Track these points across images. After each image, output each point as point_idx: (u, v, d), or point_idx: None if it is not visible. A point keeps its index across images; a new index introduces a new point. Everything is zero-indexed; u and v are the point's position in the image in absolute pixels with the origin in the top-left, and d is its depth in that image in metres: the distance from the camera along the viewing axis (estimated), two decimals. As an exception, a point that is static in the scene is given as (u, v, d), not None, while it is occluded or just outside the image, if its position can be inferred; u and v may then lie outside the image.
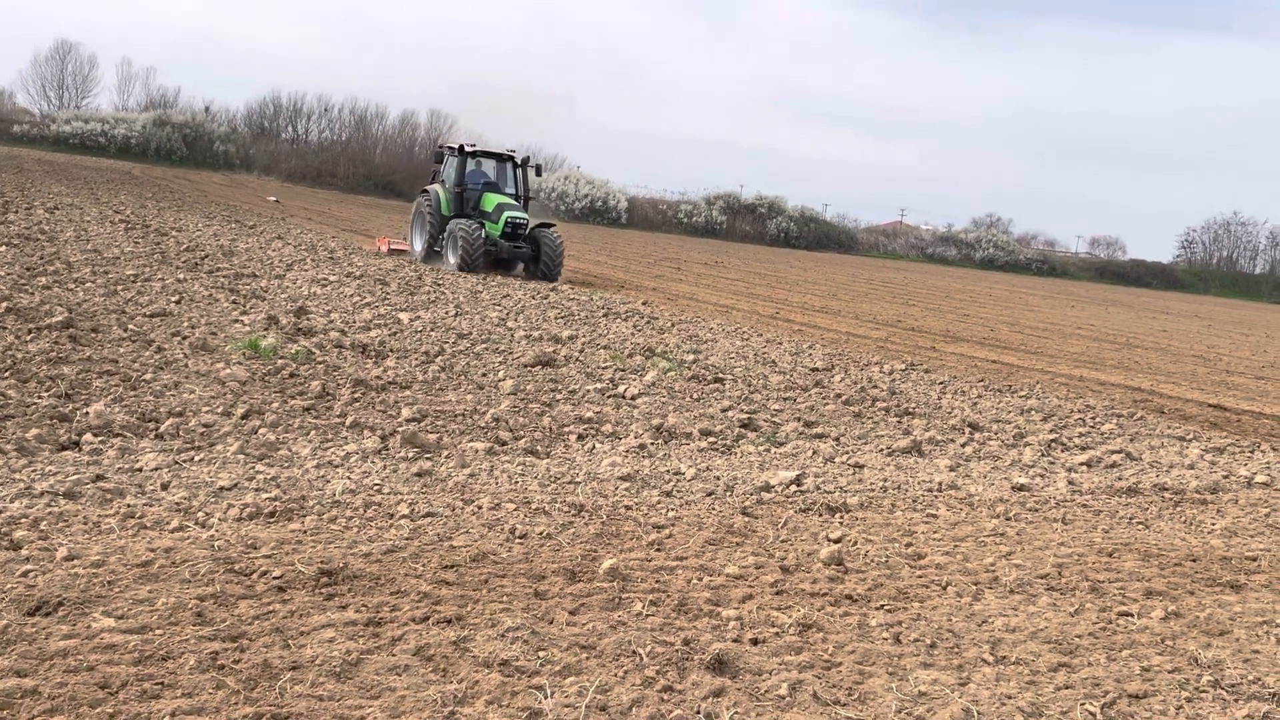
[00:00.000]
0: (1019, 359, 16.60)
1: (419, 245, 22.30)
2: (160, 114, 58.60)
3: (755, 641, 4.10)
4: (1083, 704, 3.88)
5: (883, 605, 4.69)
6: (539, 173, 22.45)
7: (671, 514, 5.75)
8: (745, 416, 8.98)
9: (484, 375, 9.52)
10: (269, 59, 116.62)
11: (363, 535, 4.78)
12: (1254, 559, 6.06)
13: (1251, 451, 10.08)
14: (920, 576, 5.14)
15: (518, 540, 4.98)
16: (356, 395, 7.89)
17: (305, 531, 4.74)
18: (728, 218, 65.02)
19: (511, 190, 22.39)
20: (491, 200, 21.34)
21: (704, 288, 25.73)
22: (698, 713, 3.50)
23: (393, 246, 23.60)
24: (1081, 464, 8.49)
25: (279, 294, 13.48)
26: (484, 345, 11.25)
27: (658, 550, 5.10)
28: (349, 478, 5.73)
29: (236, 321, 10.77)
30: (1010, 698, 3.87)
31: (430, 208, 21.92)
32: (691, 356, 12.21)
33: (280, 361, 8.60)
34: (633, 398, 9.29)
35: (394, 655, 3.59)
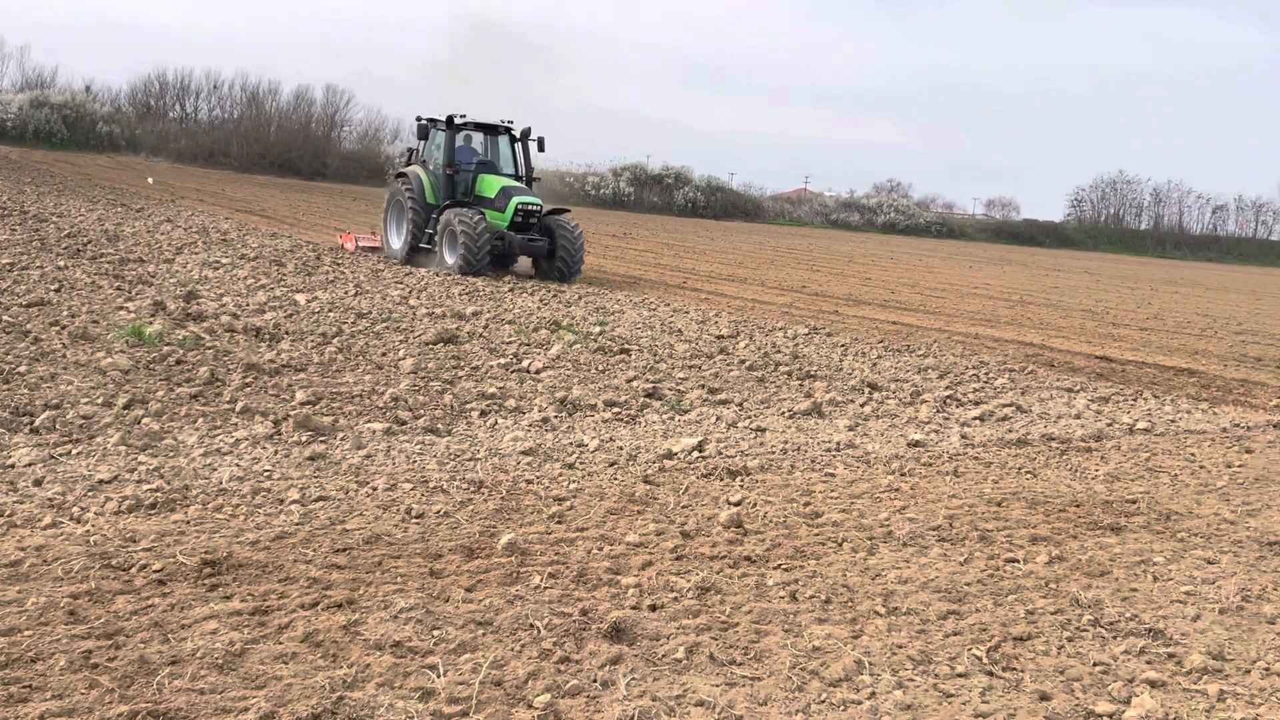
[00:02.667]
0: (918, 319, 17.02)
1: (397, 241, 18.64)
2: (37, 95, 55.53)
3: (654, 607, 4.12)
4: (969, 649, 4.00)
5: (780, 564, 4.76)
6: (541, 147, 18.57)
7: (573, 486, 5.73)
8: (650, 386, 9.00)
9: (384, 355, 9.34)
10: (154, 35, 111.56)
11: (250, 523, 4.64)
12: (1133, 501, 6.33)
13: (1134, 399, 10.52)
14: (817, 534, 5.23)
15: (414, 520, 4.90)
16: (248, 380, 7.65)
17: (188, 522, 4.58)
18: (635, 189, 64.89)
19: (510, 170, 18.76)
20: (492, 183, 17.84)
21: (612, 259, 25.68)
22: (594, 681, 3.50)
23: (362, 244, 19.91)
24: (974, 418, 8.75)
25: (167, 279, 12.97)
26: (385, 324, 11.03)
27: (558, 523, 5.07)
28: (237, 465, 5.56)
29: (121, 309, 10.34)
30: (901, 647, 3.97)
31: (412, 195, 18.11)
32: (598, 329, 12.18)
33: (166, 348, 8.28)
34: (537, 372, 9.23)
35: (281, 643, 3.50)
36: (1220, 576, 5.01)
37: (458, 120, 18.23)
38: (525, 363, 9.50)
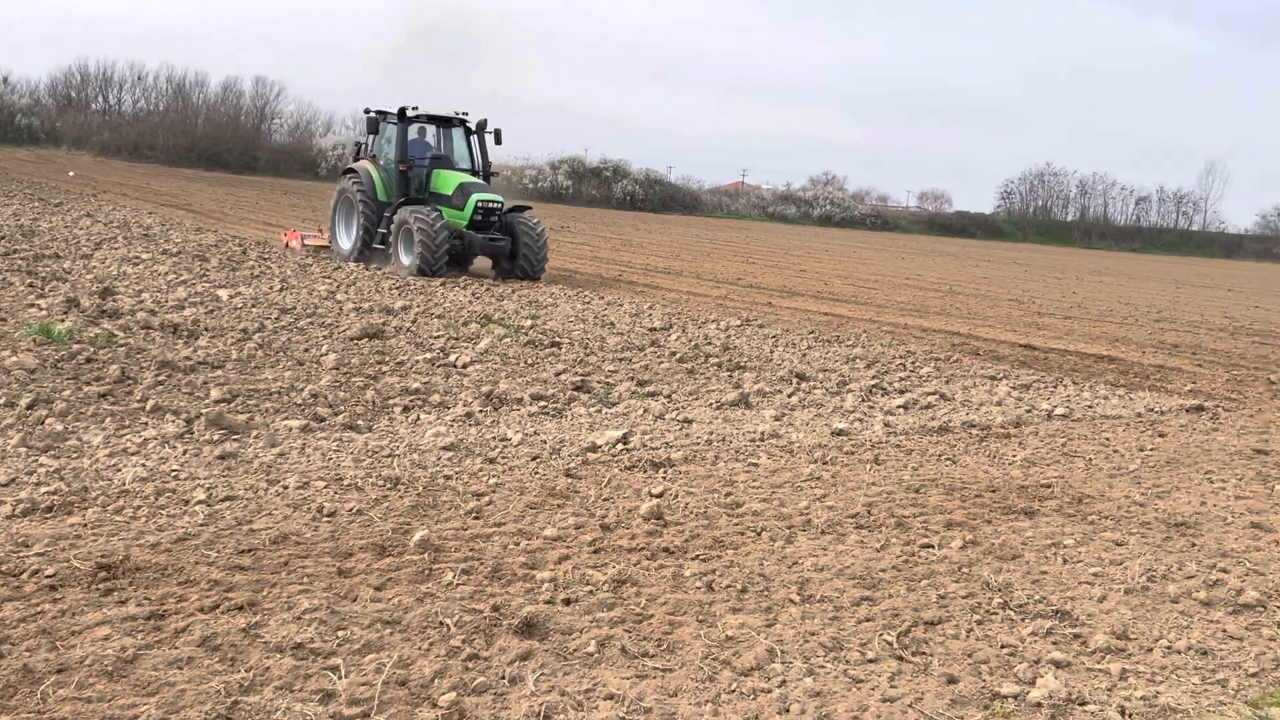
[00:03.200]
0: (850, 310, 17.21)
1: (347, 241, 17.69)
2: (-51, 86, 53.53)
3: (568, 601, 4.08)
4: (881, 634, 4.03)
5: (698, 555, 4.75)
6: (498, 139, 17.79)
7: (493, 481, 5.67)
8: (579, 379, 8.96)
9: (306, 350, 9.15)
10: (76, 25, 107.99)
11: (151, 525, 4.50)
12: (1048, 486, 6.46)
13: (1054, 386, 10.75)
14: (737, 524, 5.24)
15: (325, 519, 4.79)
16: (161, 378, 7.43)
17: (86, 525, 4.42)
18: (573, 182, 64.65)
19: (466, 165, 17.88)
20: (448, 179, 17.04)
21: (549, 253, 25.54)
22: (503, 678, 3.45)
23: (309, 242, 18.82)
24: (899, 406, 8.87)
25: (83, 275, 12.57)
26: (309, 320, 10.82)
27: (475, 518, 5.01)
28: (143, 465, 5.39)
29: (32, 306, 9.99)
30: (814, 634, 3.99)
31: (362, 192, 17.23)
32: (529, 322, 12.10)
33: (76, 346, 8.01)
34: (464, 366, 9.13)
35: (176, 648, 3.39)
36: (1128, 558, 5.13)
37: (410, 112, 17.32)
38: (453, 357, 9.39)
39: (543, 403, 7.96)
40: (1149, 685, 3.79)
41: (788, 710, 3.42)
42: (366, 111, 18.00)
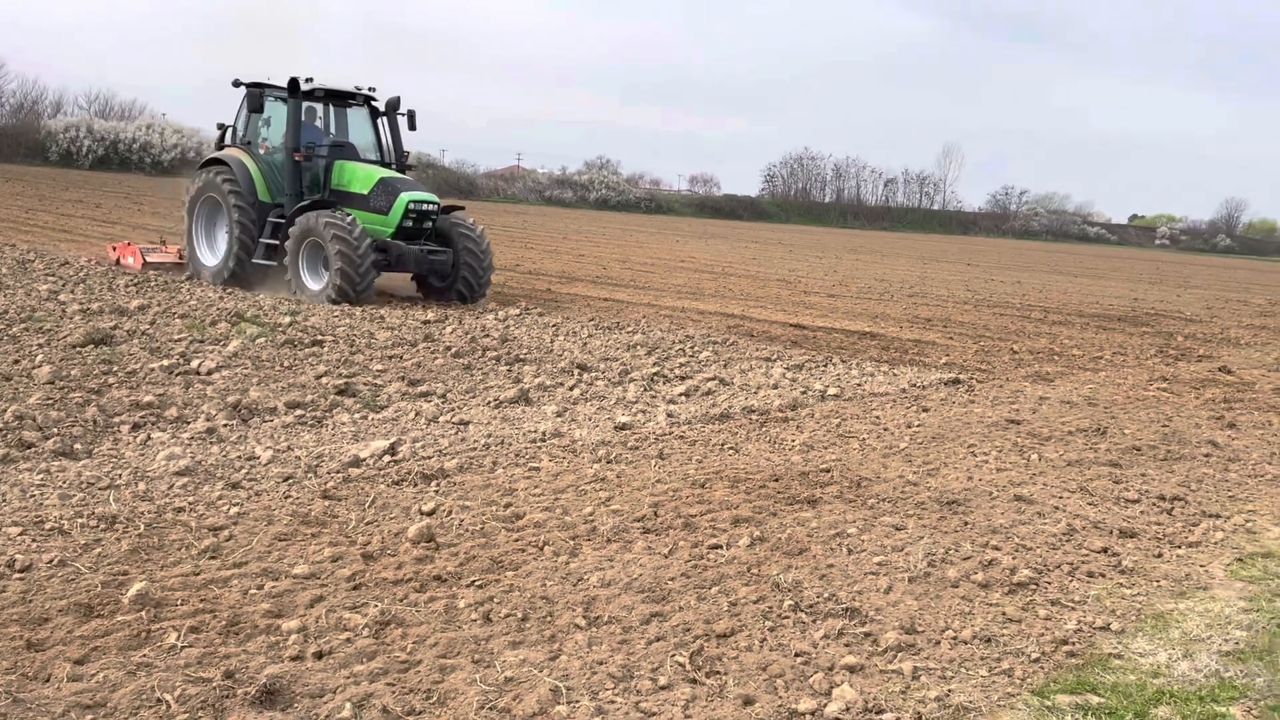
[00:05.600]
0: (629, 295, 17.14)
1: (212, 256, 14.05)
2: None
3: (320, 655, 3.54)
4: (673, 655, 3.76)
5: (474, 581, 4.31)
6: (412, 124, 14.28)
7: (235, 510, 4.96)
8: (343, 382, 8.23)
9: (15, 363, 7.90)
10: None
11: None
12: (827, 470, 6.46)
13: (825, 365, 11.02)
14: (517, 540, 4.83)
15: (16, 575, 3.98)
16: None
17: None
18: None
19: (374, 155, 14.28)
20: (361, 173, 13.43)
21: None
22: (237, 764, 2.89)
23: (151, 259, 14.91)
24: (680, 394, 8.74)
25: None
26: (23, 325, 9.42)
27: (211, 559, 4.33)
28: None
29: None
30: (601, 663, 3.66)
31: (236, 191, 13.52)
32: (288, 319, 11.12)
33: None
34: (208, 373, 8.18)
35: None
36: (908, 542, 5.14)
37: (305, 84, 13.51)
38: (195, 363, 8.39)
39: (300, 411, 7.22)
40: (941, 683, 3.71)
41: (576, 760, 3.06)
42: (238, 84, 13.90)
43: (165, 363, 8.34)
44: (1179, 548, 5.52)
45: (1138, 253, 73.20)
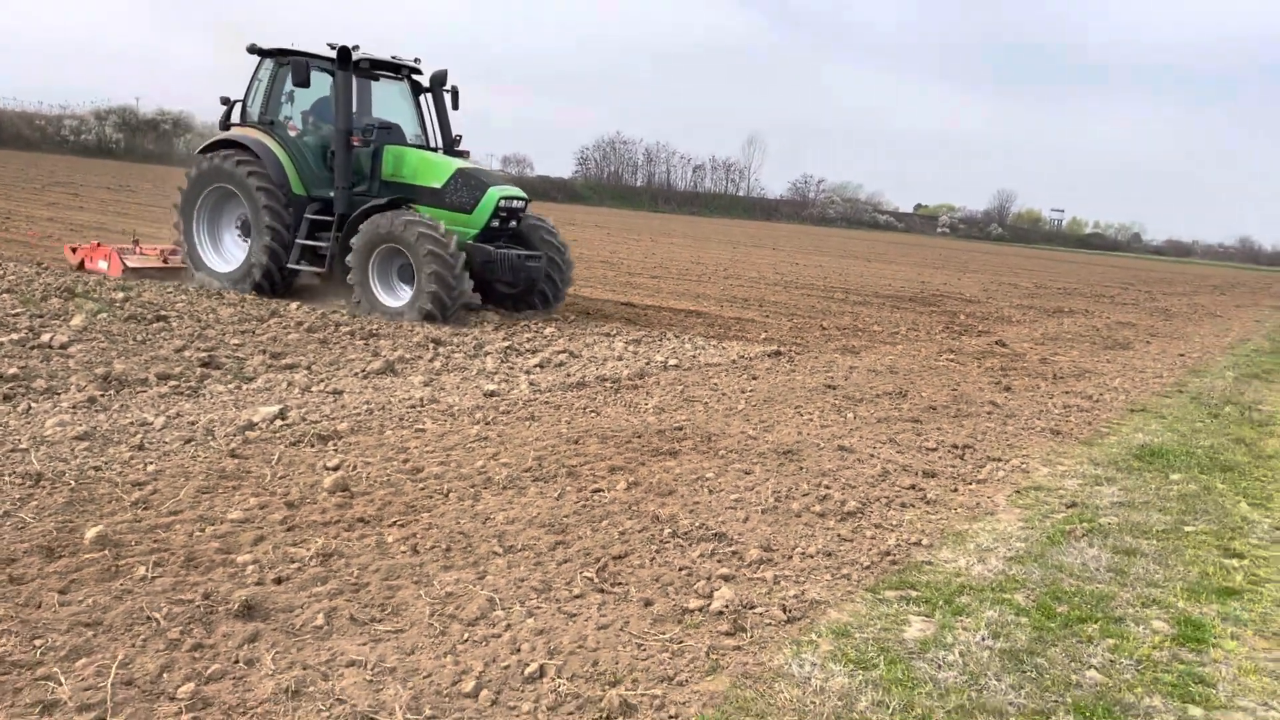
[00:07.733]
0: (462, 274, 17.49)
1: (221, 262, 12.02)
2: None
3: (280, 580, 4.02)
4: (581, 572, 4.46)
5: (395, 521, 4.85)
6: (455, 102, 12.36)
7: (151, 468, 5.26)
8: (205, 355, 8.38)
9: None
10: None
11: None
12: (680, 429, 7.30)
13: (661, 340, 11.94)
14: (423, 488, 5.39)
15: (-35, 526, 4.21)
16: None
17: None
18: (125, 135, 57.82)
19: (418, 139, 12.36)
20: (436, 164, 11.45)
21: (113, 215, 22.94)
22: (236, 661, 3.38)
23: (132, 262, 12.58)
24: (536, 366, 9.39)
25: None
26: None
27: (145, 508, 4.66)
28: None
29: None
30: (524, 580, 4.32)
31: (266, 182, 11.35)
32: (122, 294, 10.94)
33: None
34: (64, 346, 8.14)
35: None
36: (757, 484, 6.04)
37: (356, 54, 11.27)
38: (46, 337, 8.31)
39: (172, 382, 7.39)
40: (796, 585, 4.60)
41: (519, 649, 3.72)
42: (254, 49, 11.63)
43: (14, 336, 8.21)
44: (970, 484, 6.71)
45: (922, 239, 79.19)
